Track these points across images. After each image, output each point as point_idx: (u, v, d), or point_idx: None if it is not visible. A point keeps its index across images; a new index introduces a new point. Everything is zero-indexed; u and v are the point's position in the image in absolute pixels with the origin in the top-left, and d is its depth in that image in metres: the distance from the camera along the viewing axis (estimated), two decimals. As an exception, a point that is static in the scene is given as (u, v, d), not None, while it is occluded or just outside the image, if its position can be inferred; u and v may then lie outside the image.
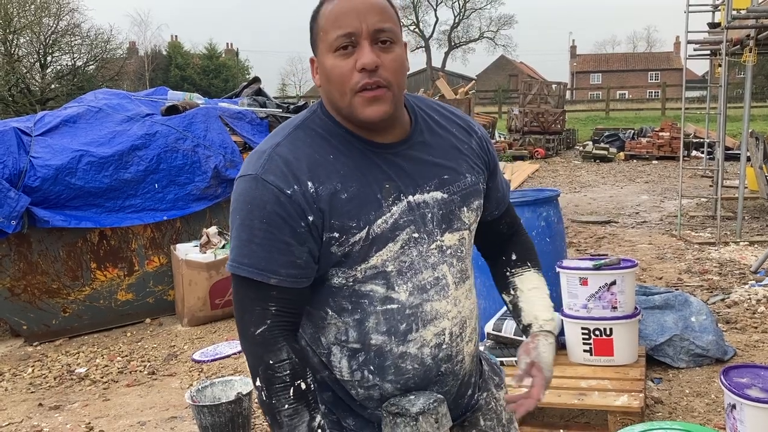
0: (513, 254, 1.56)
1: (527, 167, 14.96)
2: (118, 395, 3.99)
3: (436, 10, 53.17)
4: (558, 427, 3.18)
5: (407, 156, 1.33)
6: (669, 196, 10.65)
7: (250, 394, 3.25)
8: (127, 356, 4.62)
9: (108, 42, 29.97)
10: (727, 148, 11.43)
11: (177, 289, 5.30)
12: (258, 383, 1.26)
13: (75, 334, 5.09)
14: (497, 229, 1.56)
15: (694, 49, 9.24)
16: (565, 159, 17.55)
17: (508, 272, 1.56)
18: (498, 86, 37.99)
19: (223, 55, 44.02)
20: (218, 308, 5.18)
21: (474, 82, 20.69)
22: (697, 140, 14.64)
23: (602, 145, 17.71)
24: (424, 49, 51.94)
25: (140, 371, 4.33)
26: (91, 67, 29.59)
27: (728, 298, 5.08)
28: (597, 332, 3.36)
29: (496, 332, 3.47)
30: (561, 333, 3.60)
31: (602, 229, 8.16)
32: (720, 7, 8.31)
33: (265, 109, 6.32)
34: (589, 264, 3.45)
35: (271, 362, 1.25)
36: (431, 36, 53.25)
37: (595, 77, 59.40)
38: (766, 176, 8.11)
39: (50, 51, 27.85)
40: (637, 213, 9.27)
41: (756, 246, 6.83)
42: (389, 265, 1.30)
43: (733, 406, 2.56)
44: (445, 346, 1.36)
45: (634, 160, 16.51)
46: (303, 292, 1.28)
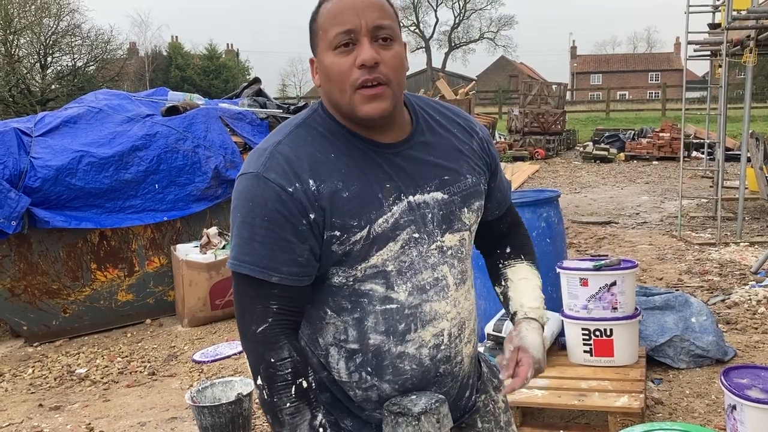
0: (507, 247, 1.56)
1: (527, 168, 14.96)
2: (119, 396, 3.99)
3: (436, 11, 53.27)
4: (558, 428, 3.18)
5: (408, 156, 1.33)
6: (669, 196, 10.65)
7: (250, 394, 3.25)
8: (127, 357, 4.62)
9: (108, 43, 30.05)
10: (728, 149, 11.42)
11: (177, 290, 5.30)
12: (259, 382, 1.26)
13: (75, 334, 5.09)
14: (497, 229, 1.56)
15: (695, 50, 9.24)
16: (565, 160, 17.55)
17: (500, 264, 1.56)
18: (498, 87, 37.98)
19: (224, 56, 44.04)
20: (218, 309, 5.18)
21: (474, 82, 20.67)
22: (698, 141, 14.64)
23: (602, 145, 17.71)
24: (424, 49, 51.98)
25: (140, 372, 4.33)
26: (92, 67, 29.64)
27: (728, 298, 5.08)
28: (597, 333, 3.36)
29: (496, 333, 3.47)
30: (561, 333, 3.60)
31: (602, 229, 8.16)
32: (720, 8, 8.31)
33: (265, 109, 6.32)
34: (589, 265, 3.45)
35: (273, 360, 1.24)
36: (431, 37, 53.33)
37: (595, 78, 59.42)
38: (766, 177, 8.10)
39: (50, 52, 27.89)
40: (638, 214, 9.27)
41: (756, 247, 6.83)
42: (389, 265, 1.29)
43: (734, 407, 2.56)
44: (443, 347, 1.36)
45: (635, 161, 16.51)
46: (304, 290, 1.28)
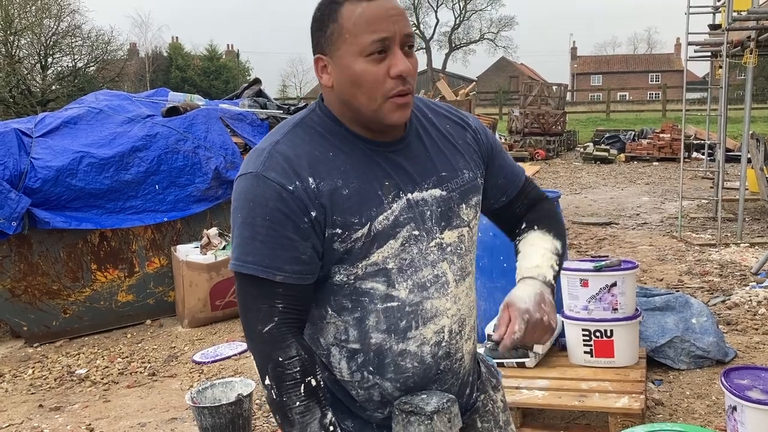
0: (523, 223, 1.52)
1: (528, 169, 14.95)
2: (119, 396, 3.99)
3: (436, 12, 53.36)
4: (559, 429, 3.18)
5: (405, 154, 1.33)
6: (670, 197, 10.64)
7: (250, 395, 3.25)
8: (127, 357, 4.62)
9: (109, 43, 30.07)
10: (728, 150, 11.42)
11: (177, 291, 5.30)
12: (267, 381, 1.25)
13: (75, 335, 5.09)
14: (514, 212, 1.53)
15: (695, 51, 9.24)
16: (565, 160, 17.54)
17: (516, 241, 1.52)
18: (498, 88, 37.98)
19: (224, 57, 44.06)
20: (218, 309, 5.18)
21: (475, 83, 20.69)
22: (698, 142, 14.63)
23: (603, 146, 17.70)
24: (424, 50, 52.01)
25: (141, 372, 4.33)
26: (92, 68, 29.66)
27: (729, 299, 5.07)
28: (597, 334, 3.35)
29: (496, 334, 3.46)
30: (562, 334, 3.60)
31: (603, 230, 8.16)
32: (721, 9, 8.31)
33: (265, 110, 6.32)
34: (589, 265, 3.45)
35: (281, 359, 1.23)
36: (432, 37, 53.41)
37: (595, 79, 59.43)
38: (766, 178, 8.10)
39: (51, 52, 27.91)
40: (638, 214, 9.27)
41: (757, 248, 6.82)
42: (390, 263, 1.29)
43: (734, 408, 2.56)
44: (444, 344, 1.36)
45: (635, 162, 16.50)
46: (308, 288, 1.28)
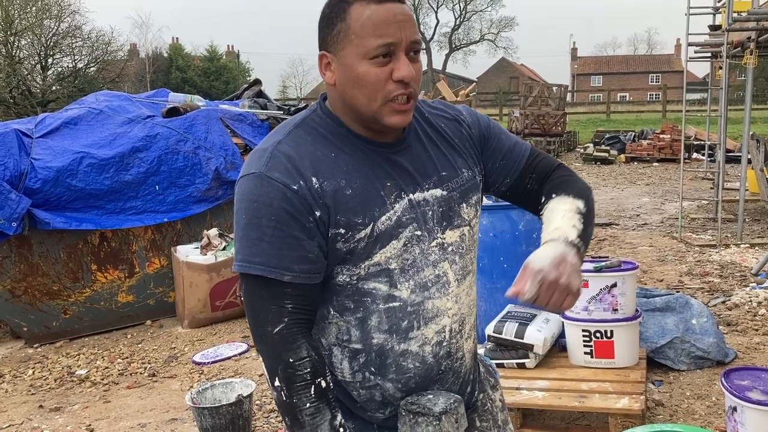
0: (542, 197, 1.46)
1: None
2: (119, 397, 3.99)
3: (436, 13, 53.37)
4: (559, 430, 3.19)
5: (406, 155, 1.34)
6: (670, 198, 10.65)
7: (250, 396, 3.25)
8: (127, 358, 4.62)
9: (109, 44, 30.10)
10: (728, 151, 11.42)
11: (177, 291, 5.30)
12: (277, 383, 1.24)
13: (75, 335, 5.09)
14: (526, 189, 1.48)
15: (695, 52, 9.24)
16: (565, 161, 17.53)
17: (539, 215, 1.46)
18: (499, 88, 37.97)
19: (224, 57, 44.09)
20: (219, 310, 5.18)
21: (475, 84, 20.70)
22: (698, 142, 14.63)
23: (603, 147, 17.71)
24: (424, 51, 51.88)
25: (141, 373, 4.33)
26: (92, 69, 29.68)
27: (729, 300, 5.07)
28: (598, 334, 3.35)
29: (496, 334, 3.46)
30: (562, 335, 3.60)
31: (603, 231, 8.15)
32: (721, 10, 8.32)
33: (265, 111, 6.33)
34: (590, 266, 3.45)
35: (291, 360, 1.23)
36: (432, 38, 53.40)
37: (595, 79, 59.44)
38: (766, 178, 8.10)
39: (51, 53, 27.93)
40: (638, 215, 9.27)
41: (757, 248, 6.82)
42: (392, 263, 1.30)
43: (734, 409, 2.56)
44: (445, 344, 1.37)
45: (635, 163, 16.51)
46: (316, 288, 1.28)
